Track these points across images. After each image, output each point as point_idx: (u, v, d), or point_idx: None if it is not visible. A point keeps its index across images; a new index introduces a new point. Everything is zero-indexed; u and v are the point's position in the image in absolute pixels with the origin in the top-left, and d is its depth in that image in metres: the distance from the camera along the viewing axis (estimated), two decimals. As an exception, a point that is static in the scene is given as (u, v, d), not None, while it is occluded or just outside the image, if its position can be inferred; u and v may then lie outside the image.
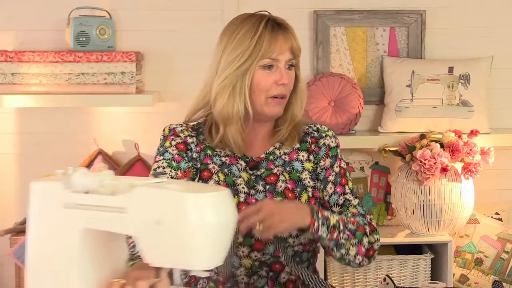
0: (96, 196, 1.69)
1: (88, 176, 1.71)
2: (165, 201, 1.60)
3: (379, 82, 3.43)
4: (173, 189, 1.62)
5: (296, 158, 2.23)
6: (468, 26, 3.43)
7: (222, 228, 1.63)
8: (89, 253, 1.72)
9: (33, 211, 1.76)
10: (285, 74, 2.17)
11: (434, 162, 3.05)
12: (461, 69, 3.31)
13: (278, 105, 2.19)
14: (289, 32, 2.20)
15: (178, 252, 1.61)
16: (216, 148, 2.22)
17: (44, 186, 1.75)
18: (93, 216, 1.69)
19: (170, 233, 1.60)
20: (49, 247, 1.73)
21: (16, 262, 3.05)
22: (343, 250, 2.10)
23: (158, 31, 3.39)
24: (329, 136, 2.27)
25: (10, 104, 3.24)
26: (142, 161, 3.37)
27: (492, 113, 3.38)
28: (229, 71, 2.15)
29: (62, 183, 1.72)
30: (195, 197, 1.60)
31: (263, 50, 2.14)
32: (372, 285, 3.11)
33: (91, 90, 3.21)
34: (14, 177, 3.44)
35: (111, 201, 1.67)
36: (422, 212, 3.13)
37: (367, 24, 3.40)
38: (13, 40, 3.37)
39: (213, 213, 1.60)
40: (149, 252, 1.64)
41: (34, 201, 1.75)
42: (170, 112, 3.32)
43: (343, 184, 2.22)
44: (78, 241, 1.70)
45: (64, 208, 1.71)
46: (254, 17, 2.20)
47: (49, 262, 1.73)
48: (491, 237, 3.28)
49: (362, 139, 3.30)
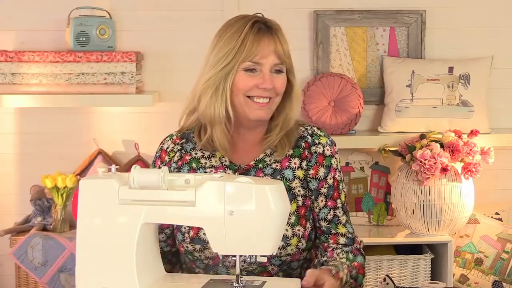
0: (162, 191, 1.82)
1: (149, 173, 1.84)
2: (238, 193, 1.79)
3: (379, 82, 3.43)
4: (244, 181, 1.80)
5: (288, 165, 2.20)
6: (468, 26, 3.43)
7: (285, 215, 1.84)
8: (145, 246, 1.87)
9: (83, 209, 1.85)
10: (268, 79, 2.14)
11: (434, 162, 3.05)
12: (461, 69, 3.31)
13: (260, 109, 2.16)
14: (275, 36, 2.16)
15: (247, 240, 1.81)
16: (202, 159, 2.22)
17: (96, 184, 1.86)
18: (155, 210, 1.83)
19: (241, 222, 1.79)
20: (103, 242, 1.83)
21: (16, 262, 3.05)
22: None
23: (158, 31, 3.39)
24: (323, 144, 2.23)
25: (10, 104, 3.24)
26: (142, 161, 3.37)
27: (492, 113, 3.38)
28: (213, 72, 2.14)
29: (117, 180, 1.84)
30: (268, 188, 1.79)
31: (245, 53, 2.12)
32: (372, 285, 3.10)
33: (91, 90, 3.21)
34: (14, 177, 3.44)
35: (179, 196, 1.82)
36: (422, 212, 3.13)
37: (367, 24, 3.40)
38: (13, 40, 3.37)
39: (281, 201, 1.81)
40: (218, 242, 1.82)
41: (85, 199, 1.85)
42: (170, 112, 3.32)
43: (335, 198, 2.21)
44: (137, 234, 1.82)
45: (120, 204, 1.83)
46: (244, 19, 2.18)
47: (103, 256, 1.83)
48: (491, 237, 3.28)
49: (362, 139, 3.30)
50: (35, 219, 3.31)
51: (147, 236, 1.88)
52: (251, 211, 1.79)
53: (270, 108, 2.18)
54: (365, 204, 3.35)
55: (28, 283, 3.13)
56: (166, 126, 3.00)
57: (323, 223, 2.20)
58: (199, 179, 1.86)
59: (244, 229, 1.80)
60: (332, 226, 2.19)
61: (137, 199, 1.83)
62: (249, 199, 1.79)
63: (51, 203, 3.30)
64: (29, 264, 3.02)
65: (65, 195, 3.29)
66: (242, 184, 1.80)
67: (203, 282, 1.92)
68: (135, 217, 1.82)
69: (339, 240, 2.20)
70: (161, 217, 1.85)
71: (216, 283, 1.91)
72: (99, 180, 1.86)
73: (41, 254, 3.02)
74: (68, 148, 3.41)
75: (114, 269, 1.83)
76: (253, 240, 1.81)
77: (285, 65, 2.18)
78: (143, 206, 1.82)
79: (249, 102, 2.15)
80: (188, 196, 1.81)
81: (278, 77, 2.17)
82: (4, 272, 3.45)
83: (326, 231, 2.20)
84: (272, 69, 2.15)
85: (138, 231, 1.82)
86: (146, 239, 1.88)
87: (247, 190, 1.79)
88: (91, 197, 1.85)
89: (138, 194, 1.83)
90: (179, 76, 3.38)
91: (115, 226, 1.83)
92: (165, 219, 1.89)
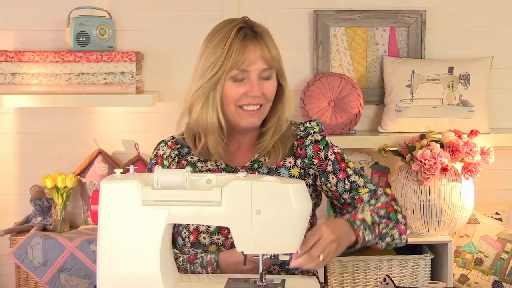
0: (187, 191, 1.84)
1: (174, 173, 1.85)
2: (265, 192, 1.81)
3: (379, 82, 3.43)
4: (270, 181, 1.82)
5: (283, 165, 2.20)
6: (468, 26, 3.43)
7: (307, 214, 1.87)
8: (167, 246, 1.89)
9: (105, 211, 1.86)
10: (256, 86, 2.11)
11: (434, 162, 3.05)
12: (461, 69, 3.31)
13: (251, 116, 2.14)
14: (261, 40, 2.13)
15: (272, 238, 1.83)
16: (198, 163, 2.22)
17: (118, 186, 1.86)
18: (179, 211, 1.84)
19: (267, 221, 1.82)
20: (126, 243, 1.84)
21: (16, 262, 3.05)
22: (388, 238, 2.10)
23: (158, 31, 3.39)
24: (315, 132, 2.23)
25: (10, 104, 3.24)
26: (142, 161, 3.37)
27: (492, 113, 3.38)
28: (202, 82, 2.13)
29: (139, 181, 1.85)
30: (293, 187, 1.82)
31: (232, 62, 2.10)
32: (372, 285, 3.10)
33: (91, 90, 3.21)
34: (14, 177, 3.44)
35: (205, 196, 1.84)
36: (422, 212, 3.13)
37: (367, 24, 3.40)
38: (13, 40, 3.37)
39: (305, 200, 1.85)
40: (244, 241, 1.84)
41: (106, 201, 1.85)
42: (170, 112, 3.32)
43: (344, 168, 2.21)
44: (161, 235, 1.84)
45: (142, 205, 1.84)
46: (230, 24, 2.15)
47: (127, 258, 1.84)
48: (491, 237, 3.28)
49: (362, 139, 3.30)
50: (35, 219, 3.31)
51: (168, 237, 1.89)
52: (277, 210, 1.81)
53: (261, 115, 2.16)
54: (365, 204, 3.35)
55: (28, 283, 3.13)
56: (166, 126, 3.01)
57: (346, 195, 2.20)
58: (221, 179, 1.87)
59: (270, 228, 1.82)
60: (353, 193, 2.19)
61: (161, 200, 1.83)
62: (275, 198, 1.81)
63: (51, 203, 3.31)
64: (29, 264, 3.02)
65: (65, 195, 3.29)
66: (268, 183, 1.82)
67: (222, 282, 1.93)
68: (160, 218, 1.83)
69: (363, 198, 2.19)
70: (185, 217, 1.86)
71: (237, 282, 1.93)
72: (122, 182, 1.86)
73: (41, 254, 3.01)
74: (68, 148, 3.41)
75: (138, 270, 1.83)
76: (277, 238, 1.83)
77: (274, 69, 2.15)
78: (168, 206, 1.83)
79: (240, 111, 2.14)
80: (214, 196, 1.83)
81: (267, 83, 2.14)
82: (4, 272, 3.45)
83: (350, 201, 2.20)
84: (260, 75, 2.13)
85: (162, 231, 1.83)
86: (167, 240, 1.89)
87: (273, 189, 1.81)
88: (113, 199, 1.85)
89: (162, 195, 1.83)
90: (179, 76, 3.38)
91: (139, 227, 1.84)
92: (189, 219, 1.91)
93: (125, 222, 1.84)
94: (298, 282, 1.97)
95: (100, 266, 1.84)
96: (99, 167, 3.35)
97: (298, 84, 3.34)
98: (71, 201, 3.37)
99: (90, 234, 3.12)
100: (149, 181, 1.87)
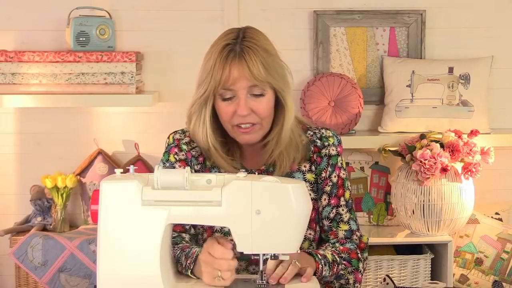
0: (187, 191, 1.84)
1: (174, 173, 1.85)
2: (265, 192, 1.81)
3: (379, 82, 3.43)
4: (269, 181, 1.82)
5: (298, 168, 2.19)
6: (468, 26, 3.43)
7: (307, 214, 1.87)
8: (166, 246, 1.89)
9: (105, 211, 1.85)
10: (242, 105, 2.05)
11: (434, 162, 3.05)
12: (461, 69, 3.31)
13: (246, 134, 2.10)
14: (244, 58, 2.03)
15: (272, 238, 1.83)
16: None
17: (118, 185, 1.85)
18: (179, 211, 1.84)
19: (268, 221, 1.81)
20: (126, 243, 1.84)
21: (16, 262, 3.05)
22: (342, 280, 2.12)
23: (158, 31, 3.39)
24: (331, 144, 2.21)
25: (10, 104, 3.24)
26: (142, 161, 3.37)
27: (492, 113, 3.38)
28: (195, 97, 2.11)
29: (139, 181, 1.84)
30: (293, 187, 1.82)
31: (216, 80, 2.04)
32: (372, 285, 3.10)
33: (91, 90, 3.21)
34: (14, 177, 3.44)
35: (205, 196, 1.83)
36: (422, 212, 3.13)
37: (367, 24, 3.40)
38: (13, 40, 3.37)
39: (305, 200, 1.85)
40: (244, 241, 1.83)
41: (106, 201, 1.85)
42: (170, 112, 3.33)
43: (339, 196, 2.20)
44: (161, 235, 1.84)
45: (142, 205, 1.83)
46: (223, 38, 2.09)
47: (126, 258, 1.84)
48: (491, 237, 3.28)
49: (362, 139, 3.30)
50: (35, 219, 3.31)
51: (167, 237, 1.89)
52: (277, 210, 1.82)
53: (256, 132, 2.11)
54: (365, 204, 3.35)
55: (28, 283, 3.13)
56: (166, 126, 3.01)
57: (326, 221, 2.19)
58: (221, 179, 1.87)
59: (270, 228, 1.82)
60: (333, 224, 2.19)
61: (161, 200, 1.83)
62: (275, 198, 1.82)
63: (51, 203, 3.31)
64: (29, 264, 3.02)
65: (65, 195, 3.29)
66: (268, 183, 1.82)
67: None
68: (160, 217, 1.83)
69: (339, 235, 2.19)
70: (185, 217, 1.86)
71: (238, 282, 1.93)
72: (122, 182, 1.86)
73: (41, 254, 3.01)
74: (68, 148, 3.41)
75: (138, 270, 1.83)
76: (277, 238, 1.83)
77: (265, 86, 2.07)
78: (168, 206, 1.83)
79: (235, 129, 2.11)
80: (214, 196, 1.83)
81: (259, 100, 2.07)
82: (4, 272, 3.45)
83: (327, 230, 2.20)
84: (250, 92, 2.06)
85: (162, 231, 1.83)
86: (167, 240, 1.89)
87: (273, 189, 1.82)
88: (113, 199, 1.85)
89: (162, 195, 1.83)
90: (179, 76, 3.38)
91: (139, 227, 1.83)
92: (189, 220, 1.90)
93: (125, 222, 1.84)
94: (298, 282, 1.97)
95: (100, 266, 1.84)
96: (99, 167, 3.35)
97: (298, 84, 3.34)
98: (71, 201, 3.37)
99: (90, 234, 3.12)
100: (149, 181, 1.87)
